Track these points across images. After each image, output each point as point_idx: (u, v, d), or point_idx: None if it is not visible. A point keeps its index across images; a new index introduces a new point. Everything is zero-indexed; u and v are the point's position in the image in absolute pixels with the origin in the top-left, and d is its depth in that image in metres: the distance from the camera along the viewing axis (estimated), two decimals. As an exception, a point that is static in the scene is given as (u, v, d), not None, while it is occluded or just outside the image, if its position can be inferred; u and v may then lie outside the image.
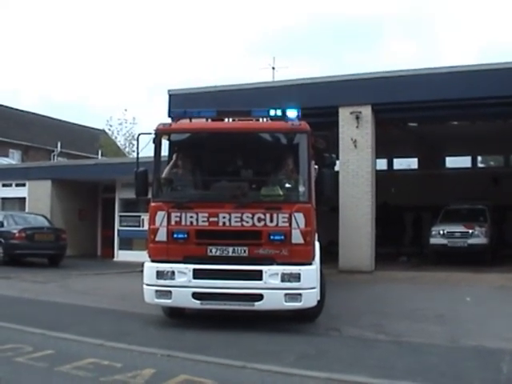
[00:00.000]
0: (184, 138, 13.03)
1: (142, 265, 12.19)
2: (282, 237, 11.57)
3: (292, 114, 12.38)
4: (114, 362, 9.36)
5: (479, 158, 37.95)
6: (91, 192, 32.76)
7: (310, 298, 11.58)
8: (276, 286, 11.43)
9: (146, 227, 14.94)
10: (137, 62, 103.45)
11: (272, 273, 11.45)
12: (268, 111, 12.88)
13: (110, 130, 54.76)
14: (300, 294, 11.45)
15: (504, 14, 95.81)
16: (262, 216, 11.64)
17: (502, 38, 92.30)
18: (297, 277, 11.44)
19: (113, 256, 30.30)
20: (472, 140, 32.01)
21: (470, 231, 25.34)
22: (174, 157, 12.90)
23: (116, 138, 54.94)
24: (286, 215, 11.62)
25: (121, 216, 30.57)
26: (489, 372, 9.05)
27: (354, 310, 14.44)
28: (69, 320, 13.07)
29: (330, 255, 18.80)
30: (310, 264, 11.74)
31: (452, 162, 37.06)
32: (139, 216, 28.93)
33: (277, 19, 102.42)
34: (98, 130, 56.15)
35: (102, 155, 51.12)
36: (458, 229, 25.54)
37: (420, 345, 10.88)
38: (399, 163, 38.36)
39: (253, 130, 12.76)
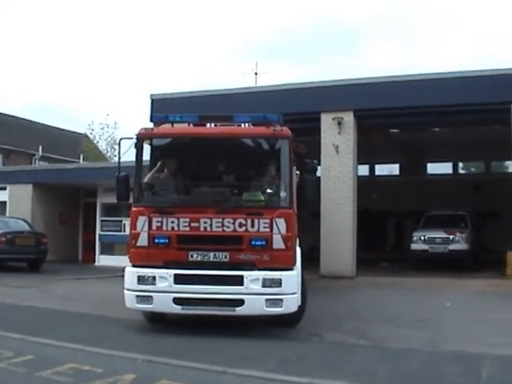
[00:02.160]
0: (166, 143, 13.03)
1: (123, 270, 12.16)
2: (263, 242, 11.58)
3: (274, 119, 12.41)
4: (95, 367, 9.33)
5: (460, 165, 38.14)
6: (73, 196, 32.61)
7: (290, 303, 11.58)
8: (257, 292, 11.42)
9: (127, 232, 14.91)
10: (119, 66, 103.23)
11: (253, 278, 11.45)
12: (250, 117, 12.94)
13: (91, 134, 54.56)
14: (281, 300, 11.45)
15: (493, 22, 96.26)
16: (244, 221, 11.65)
17: (490, 44, 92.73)
18: (278, 282, 11.44)
19: (94, 261, 30.17)
20: (453, 146, 32.19)
21: (451, 237, 25.49)
22: (156, 162, 12.87)
23: (98, 142, 54.72)
24: (268, 220, 11.62)
25: (102, 221, 30.43)
26: (469, 377, 9.10)
27: (336, 316, 14.45)
28: (49, 325, 13.02)
29: (312, 261, 18.86)
30: (291, 269, 11.75)
31: (433, 168, 37.21)
32: (121, 221, 28.83)
33: (261, 24, 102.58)
34: (80, 134, 55.90)
35: (83, 159, 50.93)
36: (439, 234, 25.68)
37: (401, 350, 10.92)
38: (381, 169, 38.47)
39: (235, 136, 12.79)
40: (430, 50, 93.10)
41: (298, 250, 12.28)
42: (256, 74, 42.30)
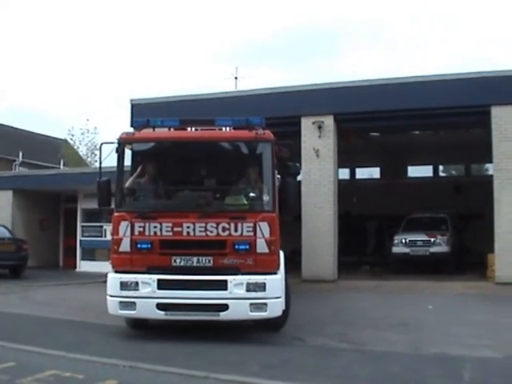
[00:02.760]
0: (147, 148, 12.97)
1: (106, 275, 12.09)
2: (247, 246, 11.55)
3: (256, 123, 12.40)
4: (76, 373, 9.28)
5: (441, 168, 38.30)
6: (53, 202, 32.47)
7: (275, 307, 11.55)
8: (241, 296, 11.39)
9: (108, 237, 14.83)
10: (99, 71, 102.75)
11: (237, 282, 11.41)
12: (232, 120, 12.90)
13: (71, 139, 54.34)
14: (265, 304, 11.42)
15: (468, 27, 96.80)
16: (227, 225, 11.61)
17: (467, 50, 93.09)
18: (262, 286, 11.41)
19: (75, 266, 30.06)
20: (434, 149, 32.35)
21: (432, 240, 25.55)
22: (137, 166, 12.77)
23: (78, 147, 54.50)
24: (251, 224, 11.59)
25: (83, 226, 30.34)
26: (451, 380, 9.17)
27: (318, 319, 14.47)
28: (30, 331, 12.94)
29: (293, 264, 18.85)
30: (275, 273, 11.72)
31: (414, 171, 37.35)
32: (101, 226, 28.76)
33: (242, 29, 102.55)
34: (60, 139, 55.60)
35: (64, 165, 50.70)
36: (420, 237, 25.74)
37: (383, 353, 10.95)
38: (361, 173, 38.56)
39: (217, 140, 12.77)
40: (419, 54, 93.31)
41: (281, 254, 12.23)
42: (236, 78, 42.35)
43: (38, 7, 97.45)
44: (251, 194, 12.21)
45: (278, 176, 12.74)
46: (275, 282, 11.61)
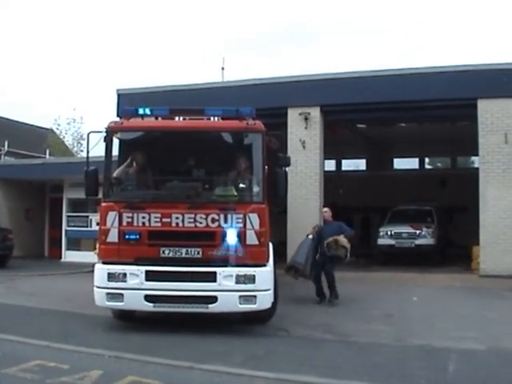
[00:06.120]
0: (136, 137, 12.70)
1: (93, 266, 12.03)
2: (237, 238, 11.55)
3: (246, 113, 12.31)
4: (61, 363, 9.30)
5: (427, 160, 38.41)
6: (39, 192, 32.29)
7: (264, 299, 11.54)
8: (230, 288, 11.36)
9: (93, 227, 14.74)
10: (85, 61, 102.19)
11: (226, 274, 11.38)
12: (221, 110, 12.76)
13: (58, 129, 54.12)
14: (255, 296, 11.39)
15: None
16: (216, 216, 11.56)
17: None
18: (251, 278, 11.39)
19: (60, 256, 29.89)
20: (419, 142, 32.44)
21: (417, 232, 25.66)
22: (126, 156, 12.62)
23: (64, 137, 54.27)
24: (241, 216, 11.55)
25: (68, 216, 30.17)
26: (435, 371, 9.21)
27: (302, 310, 14.51)
28: (15, 321, 12.91)
29: (279, 255, 18.85)
30: (265, 265, 11.70)
31: (400, 163, 37.44)
32: (87, 216, 28.62)
33: (230, 22, 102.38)
34: (46, 129, 55.35)
35: (49, 155, 50.45)
36: (406, 229, 25.83)
37: (367, 344, 11.01)
38: (347, 164, 38.62)
39: (207, 129, 12.65)
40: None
41: (271, 246, 12.18)
42: (223, 68, 42.06)
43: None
44: (241, 185, 12.15)
45: (265, 167, 12.69)
46: (265, 274, 11.59)
